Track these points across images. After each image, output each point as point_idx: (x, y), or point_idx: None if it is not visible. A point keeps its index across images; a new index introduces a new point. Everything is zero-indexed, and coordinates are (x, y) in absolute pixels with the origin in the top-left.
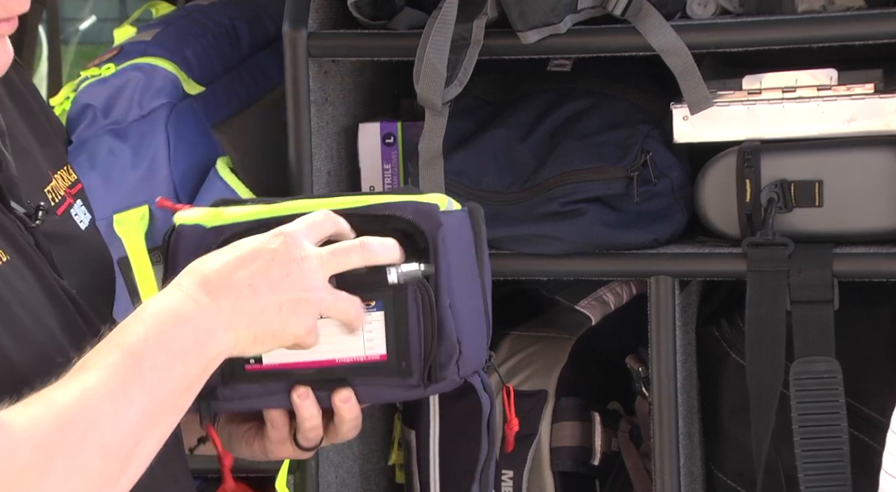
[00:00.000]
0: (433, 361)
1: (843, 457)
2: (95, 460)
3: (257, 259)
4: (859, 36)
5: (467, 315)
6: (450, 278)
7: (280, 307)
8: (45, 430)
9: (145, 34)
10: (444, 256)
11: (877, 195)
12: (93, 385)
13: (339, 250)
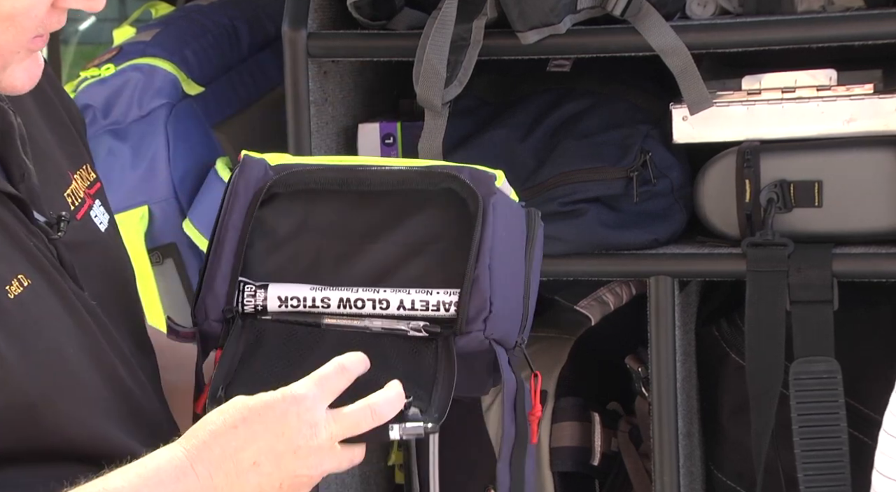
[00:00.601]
0: (461, 311)
1: (842, 457)
2: None
3: (267, 432)
4: (859, 36)
5: (504, 286)
6: (494, 243)
7: (281, 485)
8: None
9: (145, 34)
10: (491, 221)
11: (876, 195)
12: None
13: (349, 420)
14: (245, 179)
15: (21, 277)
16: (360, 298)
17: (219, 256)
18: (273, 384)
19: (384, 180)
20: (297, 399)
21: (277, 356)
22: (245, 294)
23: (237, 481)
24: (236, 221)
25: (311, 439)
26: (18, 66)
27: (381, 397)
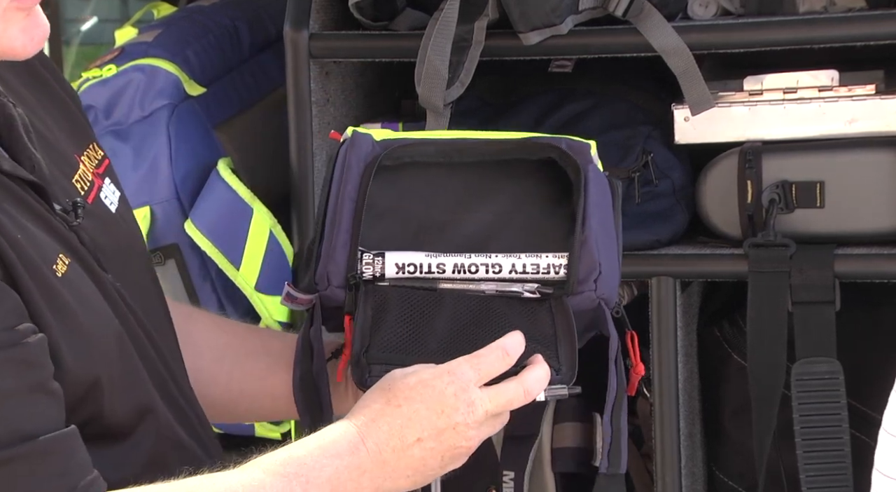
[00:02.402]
0: (572, 273)
1: (844, 458)
2: None
3: (429, 411)
4: (861, 37)
5: (606, 248)
6: (594, 209)
7: (442, 457)
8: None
9: (146, 35)
10: (592, 187)
11: (878, 196)
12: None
13: (504, 398)
14: (357, 153)
15: (62, 257)
16: (473, 263)
17: (338, 226)
18: (409, 350)
19: (484, 151)
20: (455, 379)
21: (404, 320)
22: (363, 262)
23: (403, 455)
24: (352, 193)
25: (468, 416)
26: (14, 26)
27: (532, 376)
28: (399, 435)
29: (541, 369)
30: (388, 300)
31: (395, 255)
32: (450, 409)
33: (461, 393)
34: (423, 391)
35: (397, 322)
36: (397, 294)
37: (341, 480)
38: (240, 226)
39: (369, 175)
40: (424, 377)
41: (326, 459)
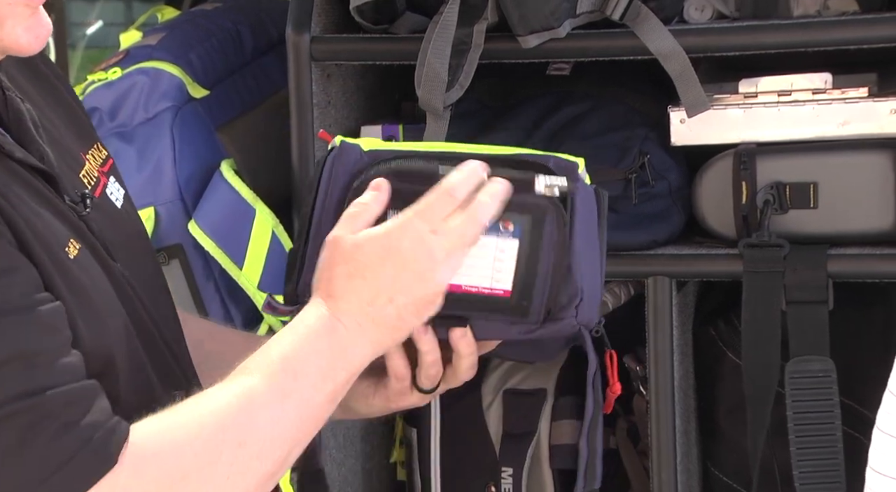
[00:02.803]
0: (555, 300)
1: (837, 455)
2: (255, 461)
3: (392, 270)
4: (854, 40)
5: (588, 271)
6: (580, 230)
7: (416, 307)
8: (211, 430)
9: (151, 39)
10: (578, 208)
11: (871, 197)
12: (255, 392)
13: (457, 232)
14: (344, 164)
15: (73, 242)
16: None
17: (321, 237)
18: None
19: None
20: (407, 231)
21: None
22: None
23: (380, 319)
24: (337, 204)
25: (430, 263)
26: (19, 24)
27: (478, 201)
28: (371, 302)
29: (490, 188)
30: None
31: None
32: (411, 262)
33: (417, 244)
34: (382, 253)
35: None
36: None
37: (329, 362)
38: (242, 226)
39: (354, 187)
40: (377, 234)
41: (308, 346)
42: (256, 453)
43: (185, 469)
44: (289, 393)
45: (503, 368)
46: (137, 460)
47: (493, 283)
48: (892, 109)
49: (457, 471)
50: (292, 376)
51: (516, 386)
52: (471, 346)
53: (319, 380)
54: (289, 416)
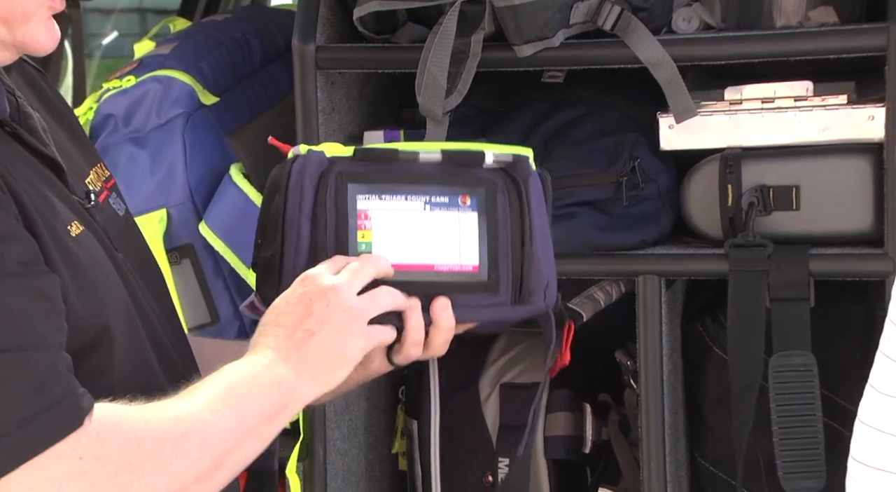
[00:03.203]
0: (524, 285)
1: (818, 445)
2: (194, 452)
3: (299, 306)
4: (833, 50)
5: (546, 257)
6: (536, 220)
7: (334, 336)
8: (163, 422)
9: (163, 48)
10: (533, 198)
11: (850, 199)
12: (198, 401)
13: (355, 270)
14: (309, 174)
15: (76, 223)
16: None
17: (299, 246)
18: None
19: (427, 173)
20: (304, 278)
21: None
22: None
23: (301, 350)
24: (308, 213)
25: (330, 289)
26: (39, 23)
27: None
28: (290, 336)
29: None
30: None
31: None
32: (311, 293)
33: (310, 280)
34: (286, 302)
35: None
36: None
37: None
38: (250, 226)
39: (324, 193)
40: (283, 296)
41: (245, 387)
42: (195, 447)
43: (137, 447)
44: (223, 410)
45: (500, 363)
46: (101, 428)
47: (461, 258)
48: (870, 116)
49: (455, 461)
50: (230, 398)
51: (513, 380)
52: (450, 320)
53: (253, 402)
54: (224, 427)
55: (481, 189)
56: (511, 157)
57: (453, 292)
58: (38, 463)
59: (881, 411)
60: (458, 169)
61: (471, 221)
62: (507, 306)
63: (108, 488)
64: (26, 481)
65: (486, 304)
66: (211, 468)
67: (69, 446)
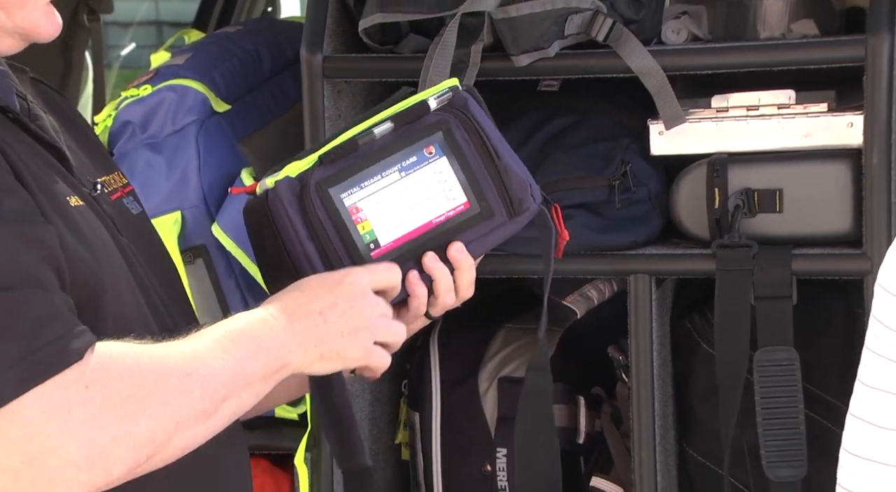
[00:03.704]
0: (511, 197)
1: (800, 435)
2: (196, 391)
3: (329, 293)
4: (814, 60)
5: (514, 159)
6: (492, 134)
7: (342, 334)
8: (167, 359)
9: (178, 58)
10: (481, 118)
11: (831, 202)
12: (204, 345)
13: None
14: (288, 202)
15: (76, 198)
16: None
17: (313, 270)
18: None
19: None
20: (351, 272)
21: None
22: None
23: (308, 327)
24: (306, 235)
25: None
26: (38, 9)
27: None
28: (304, 309)
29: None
30: None
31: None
32: (345, 289)
33: (354, 277)
34: (320, 282)
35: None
36: None
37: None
38: None
39: (308, 213)
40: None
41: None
42: (198, 386)
43: (141, 379)
44: (226, 358)
45: (498, 358)
46: (106, 360)
47: (451, 202)
48: (849, 123)
49: (455, 451)
50: (235, 348)
51: (510, 374)
52: (468, 259)
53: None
54: (225, 373)
55: (438, 133)
56: (448, 91)
57: (458, 234)
58: (45, 390)
59: (870, 405)
60: (411, 126)
61: (443, 166)
62: (508, 223)
63: (115, 416)
64: (36, 405)
65: (489, 230)
66: (210, 410)
67: (74, 376)
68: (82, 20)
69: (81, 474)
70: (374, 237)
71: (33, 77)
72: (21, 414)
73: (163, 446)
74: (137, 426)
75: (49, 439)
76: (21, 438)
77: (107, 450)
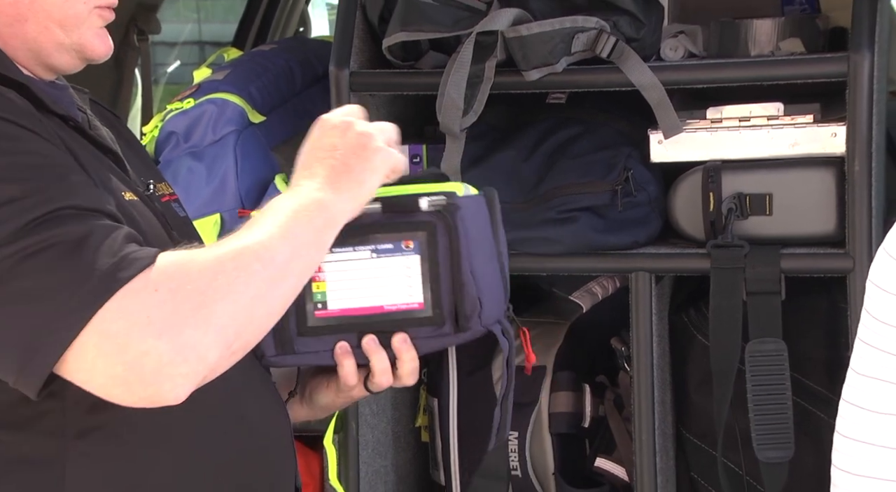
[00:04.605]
0: (459, 313)
1: (787, 420)
2: (256, 264)
3: (326, 139)
4: (801, 76)
5: (486, 277)
6: (469, 249)
7: (358, 154)
8: (220, 249)
9: (218, 74)
10: (463, 232)
11: (816, 206)
12: (253, 230)
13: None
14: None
15: (130, 194)
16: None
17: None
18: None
19: (371, 223)
20: (321, 120)
21: None
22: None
23: (335, 173)
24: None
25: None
26: (90, 30)
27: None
28: (324, 164)
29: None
30: None
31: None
32: (327, 127)
33: (325, 120)
34: (312, 145)
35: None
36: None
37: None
38: None
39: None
40: (309, 140)
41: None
42: (255, 259)
43: (200, 272)
44: (275, 229)
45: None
46: (163, 267)
47: (408, 298)
48: (833, 133)
49: (471, 434)
50: (282, 219)
51: (521, 363)
52: (410, 351)
53: (302, 222)
54: (277, 242)
55: (421, 233)
56: (444, 197)
57: (405, 328)
58: (119, 302)
59: (862, 391)
60: (400, 215)
61: (414, 263)
62: (452, 335)
63: (188, 308)
64: (117, 317)
65: (433, 335)
66: (277, 275)
67: (142, 283)
68: (133, 40)
69: (180, 368)
70: (324, 299)
71: (92, 99)
72: (107, 328)
73: (247, 322)
74: (213, 312)
75: (139, 343)
76: (115, 349)
77: (194, 340)
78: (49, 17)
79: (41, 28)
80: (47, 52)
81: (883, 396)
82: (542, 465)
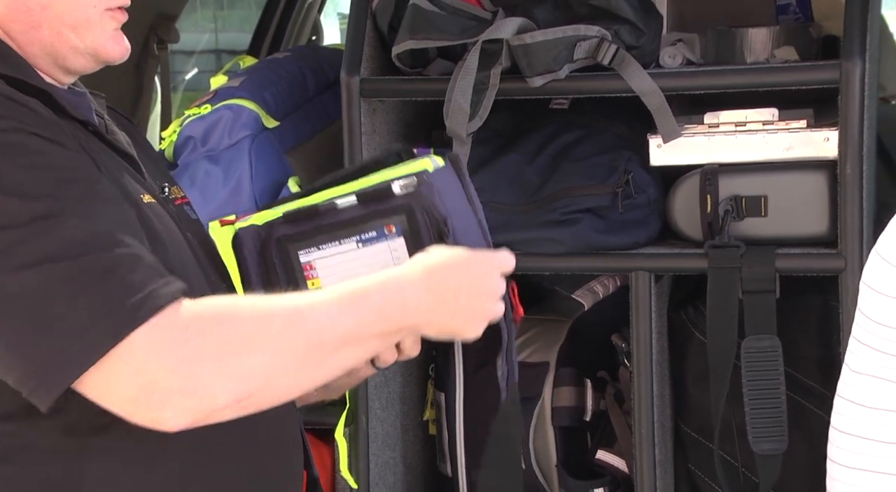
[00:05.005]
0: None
1: (781, 414)
2: (300, 340)
3: (469, 275)
4: (795, 82)
5: (467, 236)
6: (449, 220)
7: (466, 319)
8: (276, 307)
9: (234, 81)
10: (440, 205)
11: (810, 207)
12: (319, 300)
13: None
14: (249, 249)
15: (148, 196)
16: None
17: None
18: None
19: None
20: (490, 259)
21: None
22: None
23: (441, 302)
24: (257, 283)
25: (492, 287)
26: (105, 32)
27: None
28: (443, 286)
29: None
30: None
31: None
32: (483, 278)
33: (493, 269)
34: (467, 261)
35: None
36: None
37: (385, 300)
38: None
39: (269, 255)
40: (467, 253)
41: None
42: (302, 336)
43: (238, 324)
44: (342, 312)
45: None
46: (200, 309)
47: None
48: (826, 138)
49: (477, 427)
50: (350, 302)
51: (524, 359)
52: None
53: (376, 311)
54: (336, 326)
55: (401, 216)
56: (414, 179)
57: None
58: (144, 332)
59: (856, 387)
60: (376, 203)
61: (399, 245)
62: None
63: (211, 353)
64: (139, 346)
65: None
66: (317, 359)
67: (170, 320)
68: (152, 49)
69: (186, 401)
70: None
71: (109, 106)
72: (130, 354)
73: (265, 386)
74: (233, 364)
75: (154, 372)
76: (132, 373)
77: (206, 382)
78: (62, 23)
79: (55, 33)
80: (63, 56)
81: (878, 392)
82: (545, 457)
